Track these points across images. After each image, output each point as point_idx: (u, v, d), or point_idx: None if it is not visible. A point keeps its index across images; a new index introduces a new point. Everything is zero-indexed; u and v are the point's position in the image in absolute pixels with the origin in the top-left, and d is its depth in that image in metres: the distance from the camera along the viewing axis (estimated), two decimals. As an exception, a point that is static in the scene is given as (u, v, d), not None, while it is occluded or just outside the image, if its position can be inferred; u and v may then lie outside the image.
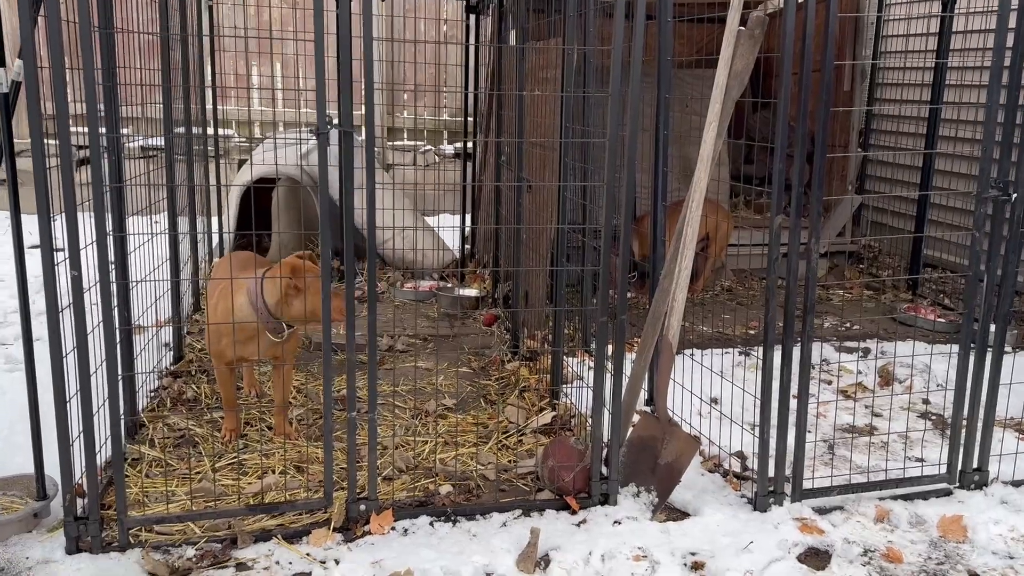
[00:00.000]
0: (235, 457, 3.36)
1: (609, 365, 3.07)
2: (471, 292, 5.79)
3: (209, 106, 5.52)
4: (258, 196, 6.07)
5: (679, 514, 3.13)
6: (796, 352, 3.03)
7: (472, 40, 6.39)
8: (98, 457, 2.84)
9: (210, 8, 5.61)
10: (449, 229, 6.65)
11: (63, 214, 2.51)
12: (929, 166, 5.95)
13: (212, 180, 5.90)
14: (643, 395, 3.93)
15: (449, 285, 6.05)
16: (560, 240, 3.81)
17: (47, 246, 2.51)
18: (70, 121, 2.49)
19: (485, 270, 6.16)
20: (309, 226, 6.36)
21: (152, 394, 3.91)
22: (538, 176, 4.75)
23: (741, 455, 3.49)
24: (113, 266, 3.26)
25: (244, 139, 8.88)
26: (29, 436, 2.93)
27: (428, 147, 9.48)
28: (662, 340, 3.03)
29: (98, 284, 2.65)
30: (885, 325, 5.50)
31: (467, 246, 6.64)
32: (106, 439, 3.07)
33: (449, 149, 9.62)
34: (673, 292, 2.99)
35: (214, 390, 4.01)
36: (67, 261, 2.54)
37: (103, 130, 3.12)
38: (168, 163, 4.22)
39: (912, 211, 6.64)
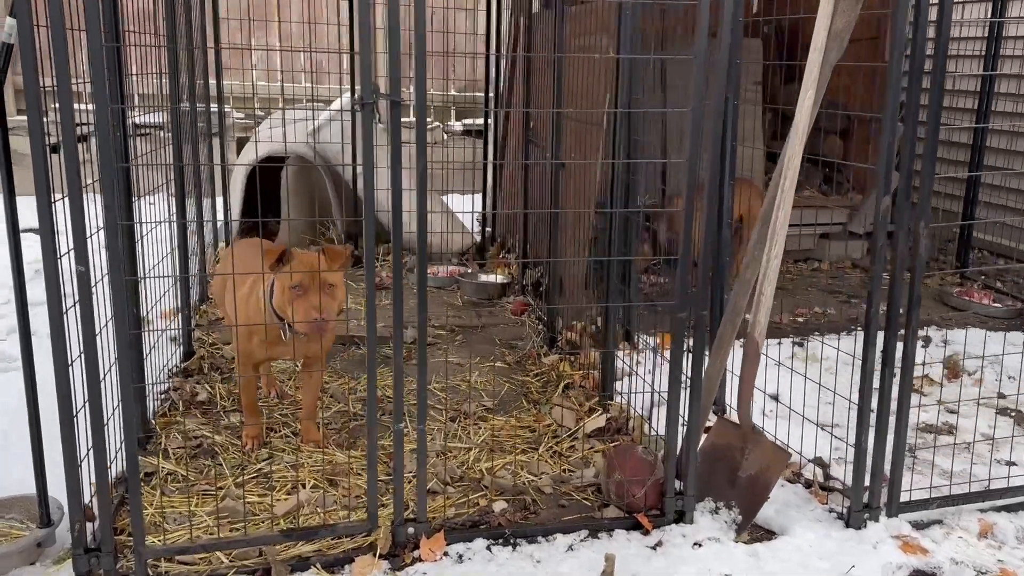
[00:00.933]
0: (261, 469, 3.01)
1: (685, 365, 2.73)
2: (497, 278, 5.43)
3: (213, 80, 5.10)
4: (263, 177, 5.69)
5: (763, 532, 2.80)
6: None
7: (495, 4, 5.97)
8: (108, 474, 2.49)
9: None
10: (466, 210, 6.27)
11: (66, 198, 2.14)
12: (981, 143, 5.59)
13: (216, 159, 5.51)
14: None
15: (470, 270, 5.69)
16: (611, 225, 3.45)
17: (48, 238, 2.13)
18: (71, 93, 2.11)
19: (510, 255, 5.80)
20: (320, 209, 5.97)
21: (162, 397, 3.54)
22: (574, 153, 4.39)
23: (822, 463, 3.15)
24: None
25: (244, 115, 8.46)
26: (26, 443, 2.55)
27: (436, 124, 9.06)
28: (747, 339, 2.68)
29: (106, 279, 2.28)
30: (939, 311, 5.17)
31: (487, 228, 6.27)
32: (116, 453, 2.73)
33: (457, 126, 9.21)
34: (760, 284, 2.63)
35: (230, 391, 3.65)
36: (71, 254, 2.17)
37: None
38: (175, 140, 3.82)
39: (954, 191, 6.29)
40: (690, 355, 2.69)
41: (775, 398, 3.75)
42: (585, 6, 4.25)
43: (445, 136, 9.02)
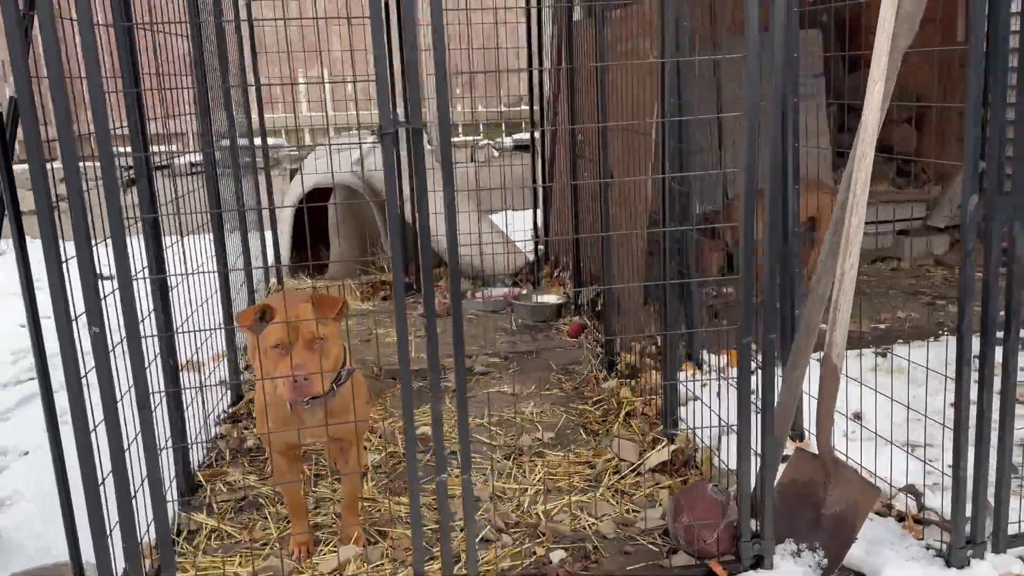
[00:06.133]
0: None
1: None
2: (551, 299, 5.22)
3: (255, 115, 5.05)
4: (313, 209, 5.61)
5: None
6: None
7: (534, 17, 5.80)
8: (146, 539, 2.37)
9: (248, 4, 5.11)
10: (519, 229, 6.10)
11: (108, 240, 2.02)
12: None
13: (263, 193, 5.44)
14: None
15: (524, 292, 5.49)
16: (665, 242, 3.21)
17: (60, 298, 2.02)
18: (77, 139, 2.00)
19: (564, 273, 5.59)
20: (370, 239, 5.86)
21: (208, 445, 3.42)
22: (623, 164, 4.16)
23: (914, 491, 2.84)
24: (151, 308, 2.79)
25: (293, 147, 8.45)
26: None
27: (486, 141, 8.93)
28: (824, 362, 2.41)
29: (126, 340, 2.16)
30: None
31: (540, 247, 6.07)
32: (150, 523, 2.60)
33: (507, 142, 9.06)
34: (835, 300, 2.37)
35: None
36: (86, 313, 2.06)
37: (125, 148, 2.65)
38: (211, 179, 3.72)
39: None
40: (760, 379, 2.43)
41: (857, 418, 3.44)
42: (628, 9, 4.03)
43: (496, 153, 8.88)
